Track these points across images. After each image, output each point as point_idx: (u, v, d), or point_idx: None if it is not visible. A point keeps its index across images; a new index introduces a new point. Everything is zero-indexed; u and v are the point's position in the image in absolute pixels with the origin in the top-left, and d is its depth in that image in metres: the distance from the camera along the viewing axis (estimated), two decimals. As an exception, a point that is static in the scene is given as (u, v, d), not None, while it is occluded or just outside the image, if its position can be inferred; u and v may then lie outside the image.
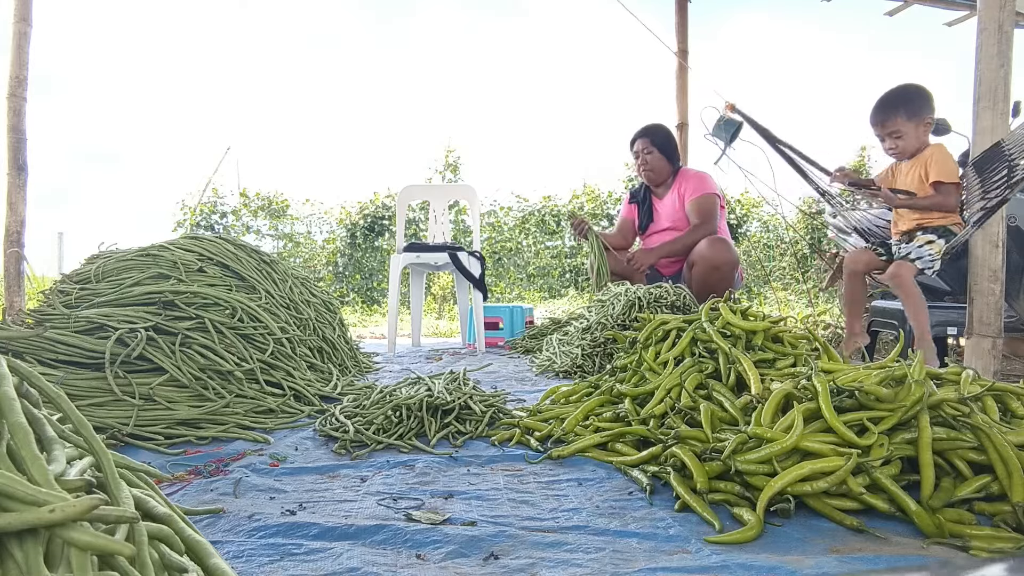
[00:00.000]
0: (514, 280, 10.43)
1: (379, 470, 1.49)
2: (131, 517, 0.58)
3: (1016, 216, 2.98)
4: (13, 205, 3.76)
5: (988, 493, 1.17)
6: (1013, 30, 2.43)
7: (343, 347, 2.88)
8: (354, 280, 10.20)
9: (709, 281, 3.44)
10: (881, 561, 1.01)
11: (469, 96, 36.99)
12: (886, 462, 1.23)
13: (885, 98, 2.90)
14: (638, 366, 1.86)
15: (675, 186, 3.88)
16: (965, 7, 5.41)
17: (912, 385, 1.30)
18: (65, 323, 1.98)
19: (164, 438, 1.71)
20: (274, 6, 40.37)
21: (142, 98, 36.54)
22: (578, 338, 3.06)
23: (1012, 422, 1.37)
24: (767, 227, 10.44)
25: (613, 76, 41.36)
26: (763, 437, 1.27)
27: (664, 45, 4.56)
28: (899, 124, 2.81)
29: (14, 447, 0.60)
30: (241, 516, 1.18)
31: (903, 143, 2.83)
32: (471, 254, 4.12)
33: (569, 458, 1.55)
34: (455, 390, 1.99)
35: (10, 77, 3.78)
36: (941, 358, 2.76)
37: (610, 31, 23.91)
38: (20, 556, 0.51)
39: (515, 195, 10.84)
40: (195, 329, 2.07)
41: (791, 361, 1.74)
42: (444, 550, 1.05)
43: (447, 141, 10.90)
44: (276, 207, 10.35)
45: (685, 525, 1.15)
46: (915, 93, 2.86)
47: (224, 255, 2.49)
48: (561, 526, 1.15)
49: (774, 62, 46.30)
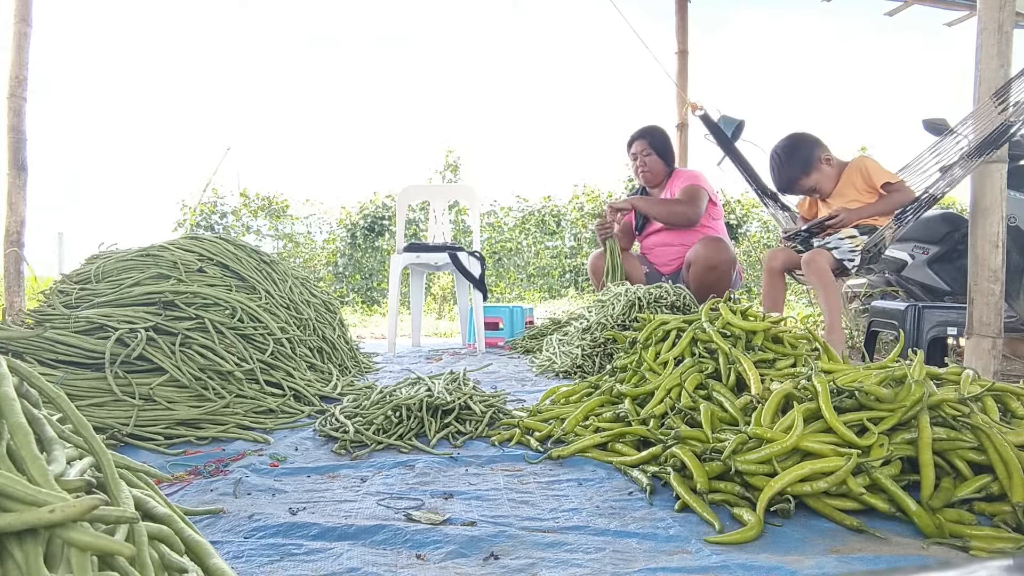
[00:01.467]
0: (514, 280, 10.43)
1: (379, 470, 1.49)
2: (131, 517, 0.58)
3: (1016, 216, 2.98)
4: (13, 205, 3.76)
5: (988, 493, 1.17)
6: (1013, 30, 2.43)
7: (343, 347, 2.88)
8: (354, 280, 10.20)
9: (707, 281, 3.44)
10: (881, 561, 1.00)
11: (469, 96, 37.02)
12: (886, 462, 1.23)
13: (779, 171, 3.04)
14: (638, 366, 1.86)
15: (668, 186, 3.89)
16: (965, 7, 5.41)
17: (912, 385, 1.30)
18: (65, 323, 1.98)
19: (164, 438, 1.71)
20: (274, 6, 40.40)
21: (142, 98, 36.56)
22: (578, 338, 3.06)
23: (1012, 422, 1.37)
24: (767, 227, 10.44)
25: (613, 76, 41.40)
26: (763, 437, 1.27)
27: (656, 61, 4.57)
28: (810, 180, 2.93)
29: (14, 447, 0.60)
30: (241, 516, 1.18)
31: (823, 188, 2.99)
32: (471, 254, 4.12)
33: (569, 458, 1.55)
34: (455, 390, 1.99)
35: (10, 77, 3.78)
36: (941, 358, 2.77)
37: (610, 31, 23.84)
38: (20, 556, 0.51)
39: (515, 195, 10.85)
40: (195, 329, 2.07)
41: (791, 361, 1.74)
42: (444, 550, 1.05)
43: (447, 141, 10.94)
44: (276, 207, 10.35)
45: (685, 525, 1.15)
46: (799, 148, 2.98)
47: (224, 255, 2.49)
48: (561, 526, 1.15)
49: (774, 62, 46.28)
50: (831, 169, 2.95)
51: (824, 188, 2.96)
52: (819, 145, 2.97)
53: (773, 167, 3.04)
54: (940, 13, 5.65)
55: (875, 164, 2.88)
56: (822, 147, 2.97)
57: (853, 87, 40.03)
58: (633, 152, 3.93)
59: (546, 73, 42.53)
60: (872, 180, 2.84)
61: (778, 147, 3.03)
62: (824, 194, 2.98)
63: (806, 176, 2.94)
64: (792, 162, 2.97)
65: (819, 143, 2.98)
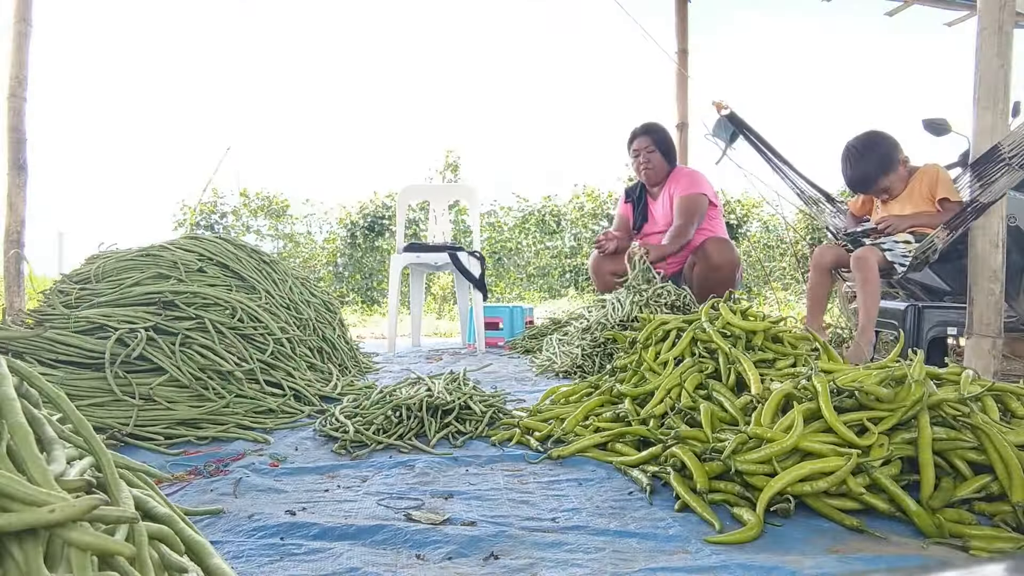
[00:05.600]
0: (514, 280, 10.43)
1: (379, 470, 1.49)
2: (131, 517, 0.58)
3: (1016, 216, 2.98)
4: (13, 205, 3.76)
5: (988, 493, 1.17)
6: (1013, 30, 2.43)
7: (343, 347, 2.88)
8: (354, 280, 10.20)
9: (711, 281, 3.43)
10: (881, 561, 1.00)
11: (469, 96, 37.03)
12: (886, 462, 1.23)
13: (855, 167, 2.97)
14: (638, 366, 1.86)
15: (667, 186, 3.87)
16: (965, 7, 5.40)
17: (912, 385, 1.30)
18: (65, 323, 1.98)
19: (164, 438, 1.71)
20: (274, 6, 40.40)
21: (142, 98, 36.55)
22: (578, 338, 3.06)
23: (1012, 422, 1.37)
24: (767, 227, 10.44)
25: (613, 76, 41.39)
26: (763, 437, 1.27)
27: (664, 52, 4.56)
28: (887, 180, 2.89)
29: (14, 447, 0.60)
30: (241, 516, 1.18)
31: (894, 189, 2.93)
32: (471, 254, 4.11)
33: (569, 458, 1.55)
34: (455, 390, 1.99)
35: (10, 77, 3.78)
36: (941, 358, 2.76)
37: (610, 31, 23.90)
38: (20, 556, 0.51)
39: (515, 195, 10.85)
40: (195, 329, 2.07)
41: (791, 361, 1.74)
42: (444, 550, 1.05)
43: (447, 141, 10.96)
44: (276, 207, 10.35)
45: (685, 525, 1.15)
46: (879, 145, 2.93)
47: (224, 255, 2.49)
48: (561, 526, 1.15)
49: (774, 62, 46.31)
50: (904, 172, 2.90)
51: (895, 190, 2.91)
52: (898, 146, 2.90)
53: (849, 162, 2.94)
54: (940, 13, 5.65)
55: (946, 177, 2.83)
56: (900, 148, 2.92)
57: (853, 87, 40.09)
58: (635, 149, 3.90)
59: (546, 73, 42.58)
60: (935, 191, 2.81)
61: (856, 142, 2.94)
62: (893, 195, 2.93)
63: (884, 176, 2.86)
64: (871, 159, 2.89)
65: (898, 144, 2.91)
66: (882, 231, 2.81)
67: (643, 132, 3.89)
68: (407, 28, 53.30)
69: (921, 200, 2.87)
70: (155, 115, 32.32)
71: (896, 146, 2.92)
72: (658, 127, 3.94)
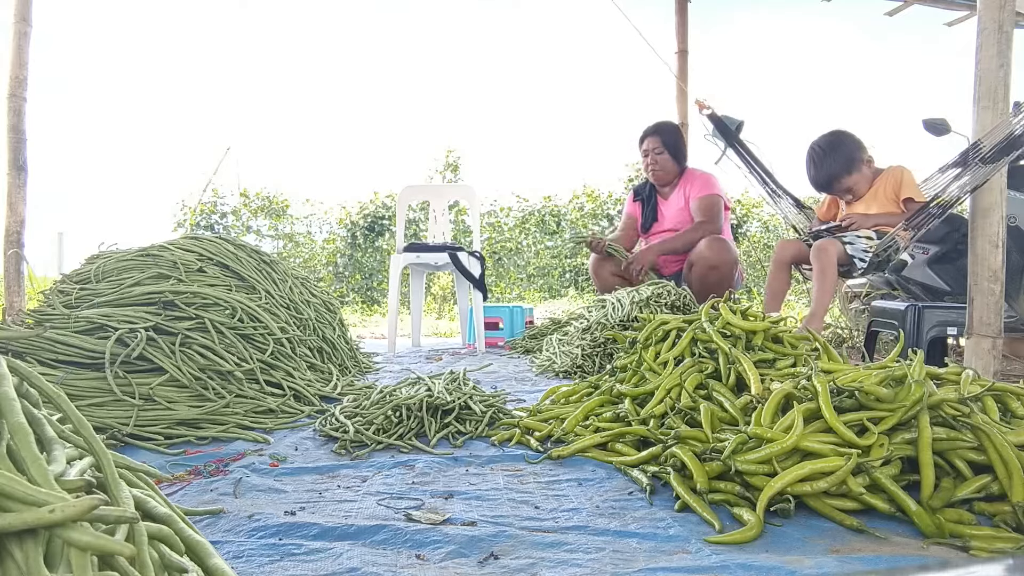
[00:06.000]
0: (514, 280, 10.43)
1: (379, 470, 1.49)
2: (131, 517, 0.58)
3: (1016, 216, 2.98)
4: (13, 205, 3.77)
5: (988, 493, 1.17)
6: (1013, 30, 2.43)
7: (343, 347, 2.88)
8: (354, 280, 10.21)
9: (708, 281, 3.43)
10: (881, 561, 1.00)
11: (469, 96, 37.02)
12: (886, 462, 1.23)
13: (819, 167, 2.97)
14: (638, 366, 1.86)
15: (681, 186, 3.85)
16: (965, 7, 5.41)
17: (912, 385, 1.30)
18: (65, 323, 1.98)
19: (164, 438, 1.71)
20: (274, 6, 40.34)
21: (142, 98, 36.54)
22: (578, 338, 3.06)
23: (1012, 422, 1.37)
24: (767, 227, 10.45)
25: (613, 75, 41.43)
26: (763, 437, 1.27)
27: (660, 58, 4.55)
28: (850, 180, 2.88)
29: (14, 447, 0.60)
30: (241, 516, 1.18)
31: (858, 190, 2.94)
32: (471, 254, 4.11)
33: (569, 458, 1.55)
34: (455, 390, 1.99)
35: (10, 77, 3.78)
36: (941, 358, 2.76)
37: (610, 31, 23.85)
38: (20, 556, 0.51)
39: (515, 195, 10.85)
40: (195, 329, 2.07)
41: (791, 361, 1.74)
42: (444, 550, 1.05)
43: (447, 141, 10.97)
44: (276, 207, 10.35)
45: (685, 525, 1.15)
46: (842, 145, 2.93)
47: (224, 255, 2.49)
48: (561, 526, 1.15)
49: (774, 62, 46.33)
50: (869, 172, 2.90)
51: (859, 190, 2.90)
52: (862, 146, 2.90)
53: (813, 162, 2.94)
54: (940, 13, 5.65)
55: (911, 178, 2.84)
56: (864, 148, 2.91)
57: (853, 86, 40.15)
58: (644, 149, 3.87)
59: (546, 73, 42.56)
60: (900, 191, 2.81)
61: (819, 142, 2.94)
62: (857, 196, 2.93)
63: (847, 175, 2.86)
64: (834, 159, 2.89)
65: (861, 144, 2.91)
66: (847, 227, 2.80)
67: (653, 132, 3.86)
68: (407, 28, 53.37)
69: (886, 201, 2.86)
70: (155, 115, 32.30)
71: (860, 146, 2.91)
72: (668, 127, 3.91)
